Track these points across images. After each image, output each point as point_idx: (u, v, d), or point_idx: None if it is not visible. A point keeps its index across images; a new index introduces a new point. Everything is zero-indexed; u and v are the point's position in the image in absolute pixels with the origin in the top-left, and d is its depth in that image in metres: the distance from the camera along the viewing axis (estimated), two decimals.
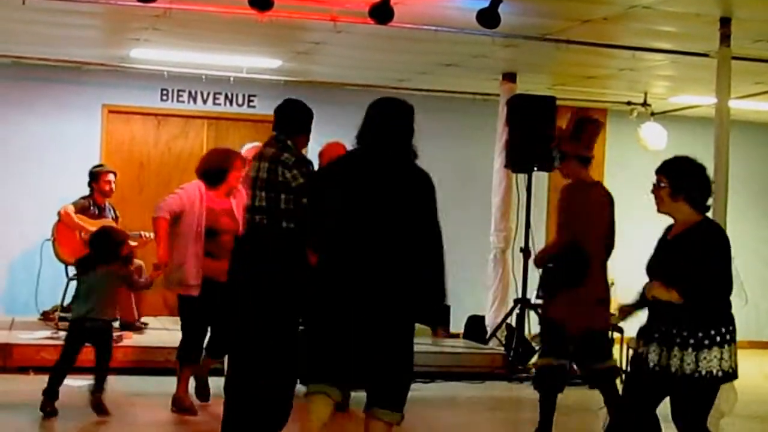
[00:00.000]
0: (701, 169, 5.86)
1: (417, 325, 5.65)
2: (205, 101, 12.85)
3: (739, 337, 5.76)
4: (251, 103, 12.99)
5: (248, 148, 9.21)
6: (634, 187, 13.56)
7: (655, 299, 5.68)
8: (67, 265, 10.85)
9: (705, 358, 5.54)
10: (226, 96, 12.90)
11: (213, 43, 10.59)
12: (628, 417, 5.83)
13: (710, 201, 5.87)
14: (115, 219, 11.05)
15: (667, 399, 5.68)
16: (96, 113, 12.49)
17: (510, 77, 11.75)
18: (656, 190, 5.83)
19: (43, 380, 9.13)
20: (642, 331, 5.78)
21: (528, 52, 10.27)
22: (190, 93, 12.78)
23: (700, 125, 12.54)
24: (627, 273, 7.59)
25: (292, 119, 6.86)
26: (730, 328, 5.63)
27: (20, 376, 9.38)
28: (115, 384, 9.07)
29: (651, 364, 5.65)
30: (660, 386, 5.66)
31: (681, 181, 5.76)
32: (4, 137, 12.12)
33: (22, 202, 12.07)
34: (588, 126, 7.48)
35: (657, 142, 12.86)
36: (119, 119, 12.68)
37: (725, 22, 8.51)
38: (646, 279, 5.85)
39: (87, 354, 9.69)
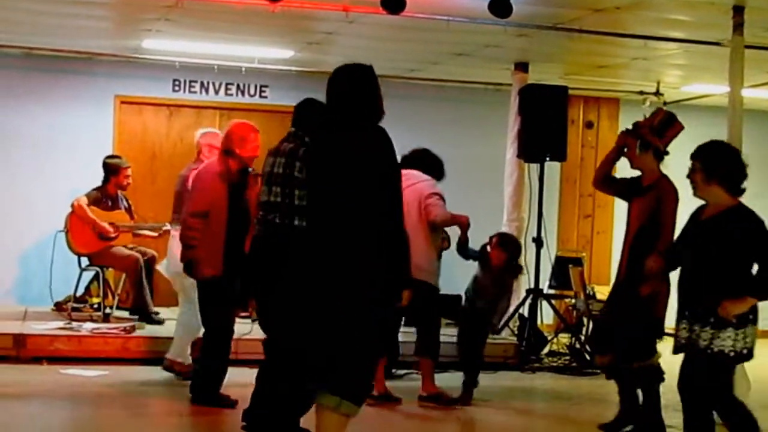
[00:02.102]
0: (735, 152, 5.99)
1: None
2: (217, 92, 12.85)
3: None
4: (263, 94, 12.98)
5: (202, 134, 9.20)
6: None
7: (726, 312, 5.78)
8: (80, 256, 10.88)
9: (719, 336, 5.74)
10: (238, 86, 12.90)
11: (225, 33, 10.59)
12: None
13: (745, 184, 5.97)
14: (128, 209, 11.06)
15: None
16: (108, 104, 12.50)
17: (522, 67, 11.72)
18: (691, 174, 5.99)
19: (56, 370, 9.19)
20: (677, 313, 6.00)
21: (540, 41, 10.25)
22: (202, 83, 12.77)
23: (713, 114, 12.49)
24: None
25: (311, 117, 6.82)
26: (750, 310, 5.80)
27: (34, 366, 9.41)
28: (127, 374, 9.12)
29: (681, 341, 5.90)
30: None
31: (714, 165, 5.91)
32: (16, 128, 12.14)
33: (35, 192, 12.08)
34: (675, 125, 7.46)
35: None
36: (131, 110, 12.69)
37: (738, 11, 8.48)
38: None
39: (100, 346, 9.76)
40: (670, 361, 6.42)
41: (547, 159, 11.18)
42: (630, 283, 7.16)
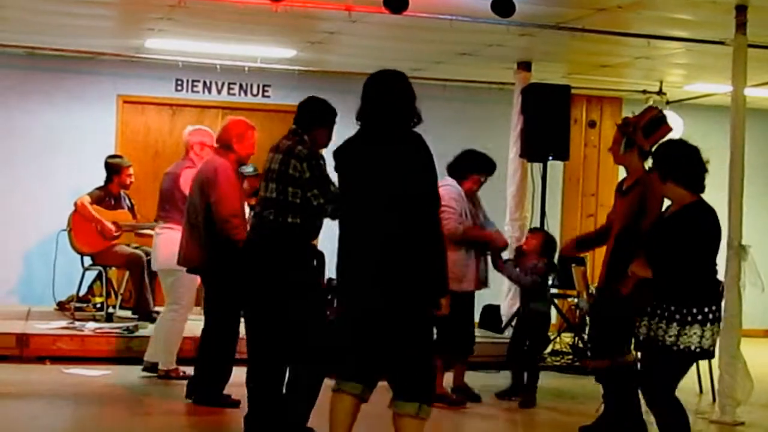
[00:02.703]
0: (689, 151, 5.96)
1: None
2: (219, 91, 12.85)
3: (755, 326, 5.91)
4: (266, 93, 12.98)
5: (192, 131, 9.19)
6: None
7: (634, 274, 5.99)
8: (82, 255, 10.89)
9: (686, 333, 5.75)
10: (241, 86, 12.90)
11: (227, 32, 10.59)
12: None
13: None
14: (131, 208, 11.08)
15: None
16: (111, 103, 12.51)
17: (525, 66, 11.71)
18: (650, 173, 6.13)
19: (59, 370, 9.19)
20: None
21: (543, 40, 10.24)
22: (204, 83, 12.78)
23: (715, 113, 12.50)
24: None
25: (310, 113, 6.84)
26: (713, 307, 5.81)
27: (36, 365, 9.41)
28: (130, 374, 9.12)
29: (641, 337, 5.94)
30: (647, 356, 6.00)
31: (666, 166, 5.94)
32: (19, 127, 12.15)
33: (38, 192, 12.10)
34: (663, 127, 7.32)
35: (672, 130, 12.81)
36: (134, 109, 12.70)
37: (741, 10, 8.46)
38: None
39: (102, 345, 9.76)
40: None
41: (550, 158, 11.16)
42: (611, 286, 7.00)
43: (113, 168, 10.95)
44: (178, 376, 8.79)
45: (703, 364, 9.20)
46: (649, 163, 7.26)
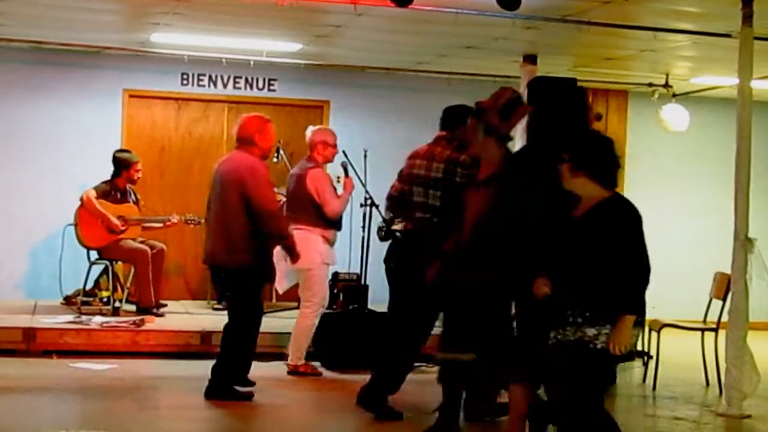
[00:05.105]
0: (605, 142, 5.69)
1: None
2: (225, 85, 12.84)
3: (762, 318, 5.76)
4: (271, 87, 12.97)
5: (315, 131, 9.19)
6: (656, 169, 13.55)
7: (621, 346, 5.45)
8: (89, 249, 10.90)
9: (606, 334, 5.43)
10: (247, 80, 12.89)
11: (233, 26, 10.58)
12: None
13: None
14: (136, 203, 11.09)
15: None
16: (117, 98, 12.50)
17: (531, 59, 11.69)
18: (559, 165, 5.66)
19: (65, 364, 9.21)
20: (553, 317, 5.64)
21: (549, 33, 10.22)
22: (210, 77, 12.76)
23: (722, 106, 12.48)
24: None
25: (458, 120, 7.27)
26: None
27: (43, 359, 9.43)
28: (137, 368, 9.14)
29: (567, 343, 5.54)
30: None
31: (581, 157, 5.60)
32: (25, 122, 12.15)
33: (45, 186, 12.11)
34: (521, 108, 6.80)
35: (679, 123, 12.79)
36: (140, 104, 12.69)
37: (747, 2, 8.44)
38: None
39: (109, 339, 9.78)
40: None
41: None
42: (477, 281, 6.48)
43: (122, 163, 10.96)
44: (306, 372, 8.83)
45: (710, 357, 9.20)
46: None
